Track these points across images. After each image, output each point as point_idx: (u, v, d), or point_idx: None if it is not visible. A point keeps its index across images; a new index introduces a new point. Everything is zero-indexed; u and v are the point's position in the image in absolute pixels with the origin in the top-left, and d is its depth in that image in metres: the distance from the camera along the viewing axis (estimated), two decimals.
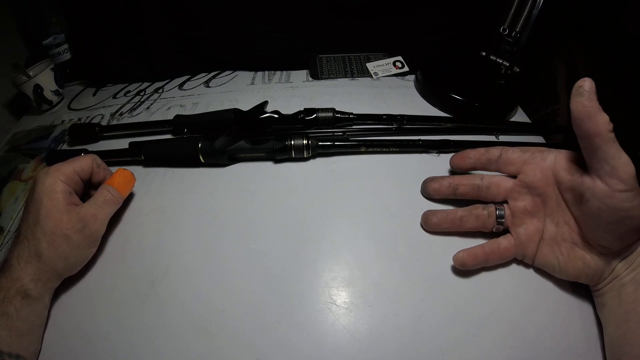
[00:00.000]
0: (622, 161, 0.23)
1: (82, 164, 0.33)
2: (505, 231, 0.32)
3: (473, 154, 0.33)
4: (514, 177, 0.32)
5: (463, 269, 0.31)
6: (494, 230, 0.32)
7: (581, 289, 0.30)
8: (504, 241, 0.31)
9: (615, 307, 0.26)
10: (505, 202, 0.32)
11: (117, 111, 0.53)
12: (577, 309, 0.29)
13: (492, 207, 0.32)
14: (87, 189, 0.36)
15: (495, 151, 0.32)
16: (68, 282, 0.33)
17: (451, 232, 0.34)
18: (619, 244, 0.25)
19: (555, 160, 0.29)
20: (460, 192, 0.34)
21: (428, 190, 0.36)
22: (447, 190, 0.34)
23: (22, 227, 0.29)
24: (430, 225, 0.33)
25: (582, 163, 0.26)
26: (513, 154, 0.31)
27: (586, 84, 0.23)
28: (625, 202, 0.23)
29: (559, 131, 0.44)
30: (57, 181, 0.30)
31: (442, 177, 0.35)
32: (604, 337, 0.27)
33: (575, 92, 0.24)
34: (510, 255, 0.31)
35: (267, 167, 0.42)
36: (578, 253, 0.28)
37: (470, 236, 0.33)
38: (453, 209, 0.33)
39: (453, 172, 0.38)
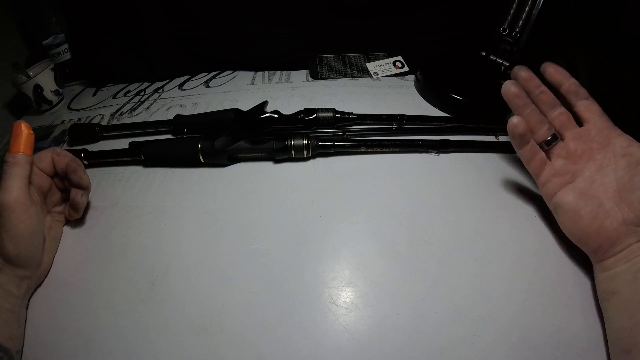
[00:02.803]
0: None
1: (40, 155, 0.34)
2: None
3: (570, 77, 0.33)
4: (579, 123, 0.32)
5: (512, 135, 0.32)
6: (539, 142, 0.33)
7: (583, 288, 0.30)
8: (542, 155, 0.32)
9: (629, 295, 0.25)
10: (562, 137, 0.33)
11: (117, 111, 0.53)
12: (578, 308, 0.29)
13: (552, 130, 0.32)
14: (62, 183, 0.36)
15: (585, 91, 0.32)
16: (68, 282, 0.33)
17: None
18: None
19: (620, 133, 0.30)
20: (541, 98, 0.33)
21: (519, 73, 0.34)
22: (534, 85, 0.33)
23: None
24: (509, 92, 0.33)
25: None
26: (596, 105, 0.32)
27: None
28: None
29: None
30: None
31: (534, 75, 0.34)
32: (608, 328, 0.26)
33: None
34: (537, 168, 0.32)
35: (267, 167, 0.42)
36: (601, 213, 0.28)
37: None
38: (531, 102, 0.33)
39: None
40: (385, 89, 0.52)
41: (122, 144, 0.44)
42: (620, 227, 0.27)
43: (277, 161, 0.42)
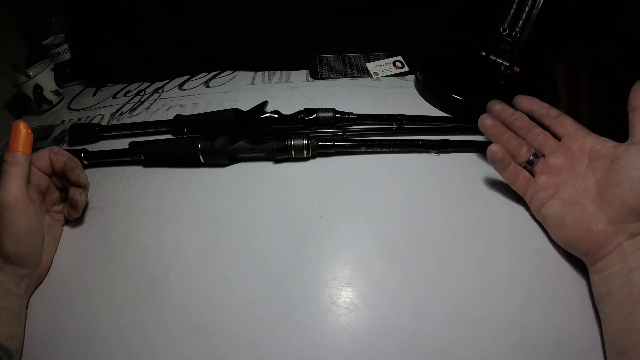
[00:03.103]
0: None
1: (38, 154, 0.34)
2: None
3: (540, 102, 0.35)
4: (558, 139, 0.34)
5: (492, 161, 0.34)
6: (521, 164, 0.35)
7: (582, 288, 0.30)
8: (526, 174, 0.34)
9: (623, 297, 0.25)
10: (543, 155, 0.34)
11: (117, 111, 0.53)
12: (578, 308, 0.29)
13: (532, 149, 0.35)
14: (61, 182, 0.37)
15: (556, 111, 0.34)
16: (68, 281, 0.33)
17: (452, 227, 0.34)
18: (633, 203, 0.26)
19: (595, 137, 0.31)
20: (517, 125, 0.35)
21: (492, 107, 0.37)
22: (508, 115, 0.36)
23: None
24: (484, 124, 0.36)
25: (613, 143, 0.30)
26: (568, 119, 0.33)
27: None
28: None
29: None
30: None
31: (507, 106, 0.36)
32: (604, 330, 0.26)
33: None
34: (522, 187, 0.34)
35: (267, 167, 0.42)
36: (586, 217, 0.29)
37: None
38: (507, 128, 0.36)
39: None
40: (385, 89, 0.52)
41: (122, 144, 0.44)
42: (606, 227, 0.27)
43: (277, 161, 0.42)
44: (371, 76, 0.55)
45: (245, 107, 0.45)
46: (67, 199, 0.36)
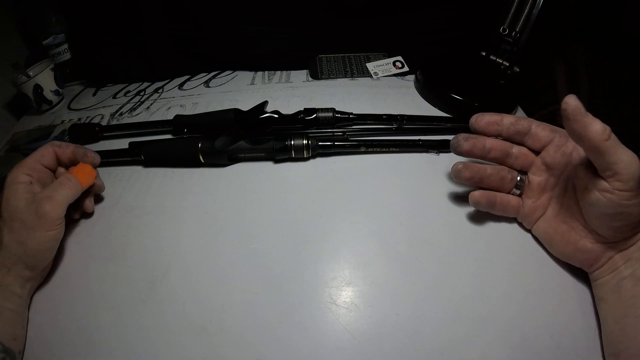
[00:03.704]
0: (623, 165, 0.23)
1: (42, 152, 0.34)
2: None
3: (502, 122, 0.32)
4: (537, 152, 0.32)
5: (475, 207, 0.34)
6: (510, 192, 0.34)
7: (581, 288, 0.30)
8: (513, 200, 0.33)
9: (614, 302, 0.26)
10: (526, 172, 0.33)
11: (117, 111, 0.53)
12: (577, 308, 0.29)
13: (515, 173, 0.33)
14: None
15: (525, 123, 0.32)
16: (68, 282, 0.33)
17: (453, 222, 0.34)
18: (614, 235, 0.26)
19: (574, 148, 0.29)
20: (491, 157, 0.33)
21: (459, 149, 0.33)
22: (479, 152, 0.33)
23: None
24: (461, 178, 0.33)
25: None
26: (543, 131, 0.31)
27: (569, 106, 0.24)
28: (623, 200, 0.24)
29: None
30: (19, 174, 0.31)
31: (476, 138, 0.33)
32: (602, 331, 0.27)
33: (562, 116, 0.24)
34: (513, 214, 0.34)
35: (267, 167, 0.42)
36: (573, 237, 0.29)
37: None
38: (482, 166, 0.33)
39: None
40: (385, 89, 0.52)
41: (122, 144, 0.44)
42: (594, 246, 0.28)
43: (277, 161, 0.42)
44: (371, 76, 0.55)
45: (245, 107, 0.45)
46: None
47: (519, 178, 0.33)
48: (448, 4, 0.53)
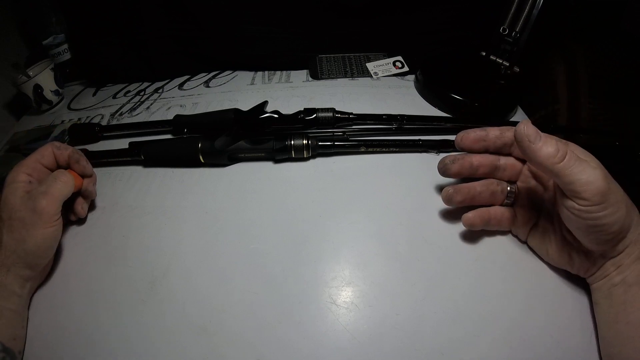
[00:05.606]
0: (580, 184, 0.23)
1: (42, 151, 0.34)
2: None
3: (487, 137, 0.32)
4: (523, 161, 0.32)
5: (470, 229, 0.33)
6: (502, 204, 0.33)
7: (580, 289, 0.30)
8: (506, 212, 0.33)
9: (607, 307, 0.26)
10: (515, 181, 0.33)
11: (117, 111, 0.53)
12: (577, 309, 0.29)
13: (504, 185, 0.33)
14: None
15: (509, 134, 0.32)
16: (68, 282, 0.33)
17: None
18: (597, 246, 0.26)
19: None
20: (480, 173, 0.33)
21: (449, 172, 0.33)
22: (468, 172, 0.33)
23: None
24: (453, 202, 0.33)
25: None
26: (523, 142, 0.31)
27: (517, 134, 0.24)
28: (592, 213, 0.23)
29: (558, 131, 0.44)
30: (18, 174, 0.32)
31: (462, 158, 0.33)
32: (599, 334, 0.27)
33: (517, 145, 0.25)
34: (508, 227, 0.33)
35: (267, 167, 0.42)
36: (565, 248, 0.29)
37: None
38: (471, 184, 0.33)
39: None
40: (385, 89, 0.52)
41: (122, 144, 0.44)
42: (586, 255, 0.27)
43: (277, 161, 0.42)
44: (371, 76, 0.55)
45: (245, 107, 0.45)
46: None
47: (508, 188, 0.33)
48: (448, 4, 0.53)
